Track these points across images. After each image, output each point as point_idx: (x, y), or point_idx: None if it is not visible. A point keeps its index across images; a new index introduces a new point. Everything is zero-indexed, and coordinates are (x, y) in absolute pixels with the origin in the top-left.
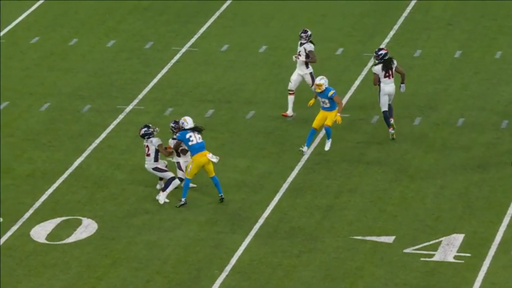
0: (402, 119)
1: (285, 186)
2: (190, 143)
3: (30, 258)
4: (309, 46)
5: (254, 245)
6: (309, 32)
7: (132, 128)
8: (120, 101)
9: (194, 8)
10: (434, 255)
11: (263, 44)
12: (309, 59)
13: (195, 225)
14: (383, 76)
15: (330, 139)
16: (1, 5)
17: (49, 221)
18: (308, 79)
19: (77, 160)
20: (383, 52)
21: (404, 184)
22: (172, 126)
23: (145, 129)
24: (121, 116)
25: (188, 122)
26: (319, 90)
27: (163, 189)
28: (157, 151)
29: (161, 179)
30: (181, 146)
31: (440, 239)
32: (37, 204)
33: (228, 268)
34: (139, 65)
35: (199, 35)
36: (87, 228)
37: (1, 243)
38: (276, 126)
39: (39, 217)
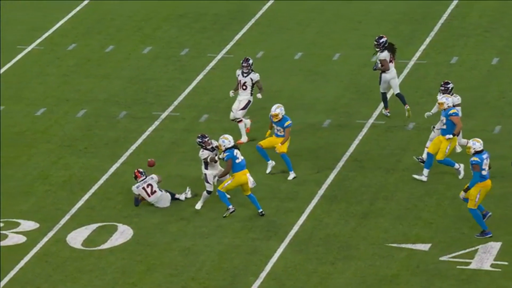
0: None
1: (320, 193)
2: (237, 161)
3: (66, 263)
4: (256, 76)
5: (289, 252)
6: (251, 61)
7: (168, 135)
8: (156, 107)
9: (230, 15)
10: (470, 263)
11: (298, 51)
12: (260, 89)
13: (230, 231)
14: (388, 62)
15: (292, 171)
16: (25, 10)
17: (85, 227)
18: (243, 104)
19: (113, 166)
20: (384, 39)
21: (440, 191)
22: (198, 142)
23: (142, 171)
24: (156, 123)
25: (230, 140)
26: (276, 120)
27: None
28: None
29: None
30: (208, 159)
31: (476, 247)
32: (73, 210)
33: (263, 274)
34: (174, 71)
35: (234, 42)
36: (123, 234)
37: (36, 251)
38: (311, 132)
39: (75, 223)
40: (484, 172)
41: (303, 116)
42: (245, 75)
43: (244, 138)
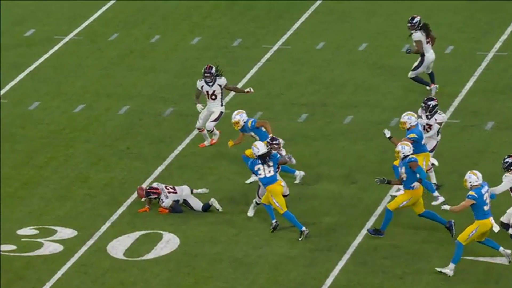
0: None
1: (386, 199)
2: (258, 176)
3: (106, 275)
4: (223, 80)
5: (352, 265)
6: (214, 69)
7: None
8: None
9: (287, 2)
10: None
11: (363, 42)
12: (236, 89)
13: (286, 241)
14: (425, 43)
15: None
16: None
17: (127, 235)
18: (215, 116)
19: (158, 168)
20: (418, 18)
21: None
22: (268, 142)
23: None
24: None
25: (259, 148)
26: (238, 127)
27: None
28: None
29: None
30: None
31: None
32: (114, 216)
33: None
34: (226, 64)
35: (292, 31)
36: (168, 243)
37: (74, 261)
38: (377, 132)
39: (117, 230)
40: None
41: (367, 114)
42: (210, 84)
43: (206, 142)
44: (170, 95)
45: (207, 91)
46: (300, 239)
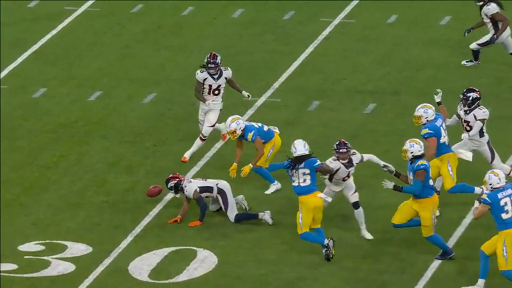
0: None
1: (467, 219)
2: (292, 183)
3: None
4: (230, 72)
5: None
6: (219, 58)
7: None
8: (249, 91)
9: None
10: None
11: (445, 15)
12: (235, 85)
13: (350, 261)
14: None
15: (273, 184)
16: None
17: (153, 252)
18: (214, 117)
19: (191, 170)
20: None
21: None
22: (335, 149)
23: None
24: (250, 112)
25: (296, 148)
26: (235, 136)
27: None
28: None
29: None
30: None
31: None
32: (138, 229)
33: None
34: (274, 42)
35: (357, 2)
36: (204, 262)
37: (88, 283)
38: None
39: (140, 246)
40: (431, 182)
41: (451, 105)
42: (215, 77)
43: (224, 132)
44: None
45: (210, 85)
46: (332, 254)
